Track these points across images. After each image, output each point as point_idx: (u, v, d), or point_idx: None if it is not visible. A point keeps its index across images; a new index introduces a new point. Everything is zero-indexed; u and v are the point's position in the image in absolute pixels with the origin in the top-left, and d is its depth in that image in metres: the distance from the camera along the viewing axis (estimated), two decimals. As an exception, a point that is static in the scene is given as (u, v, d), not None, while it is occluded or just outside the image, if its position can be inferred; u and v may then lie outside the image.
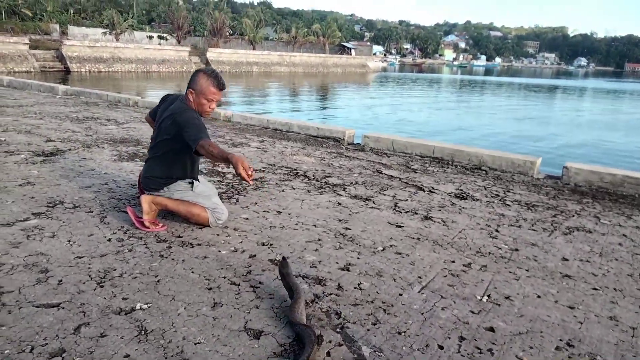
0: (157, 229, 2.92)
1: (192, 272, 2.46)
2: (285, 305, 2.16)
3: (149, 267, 2.49)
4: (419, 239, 3.13)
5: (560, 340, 2.07)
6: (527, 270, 2.75)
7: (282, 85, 31.06)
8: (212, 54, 40.82)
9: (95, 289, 2.24)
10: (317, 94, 25.61)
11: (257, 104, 18.63)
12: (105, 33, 40.64)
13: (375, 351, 1.89)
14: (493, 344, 2.00)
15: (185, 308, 2.12)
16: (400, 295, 2.35)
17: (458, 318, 2.18)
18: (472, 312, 2.24)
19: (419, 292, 2.40)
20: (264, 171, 4.68)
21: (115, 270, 2.44)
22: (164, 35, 47.13)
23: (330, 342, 1.94)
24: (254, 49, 51.00)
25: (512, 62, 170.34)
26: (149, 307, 2.12)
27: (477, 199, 4.20)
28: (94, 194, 3.62)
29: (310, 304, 2.22)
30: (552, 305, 2.36)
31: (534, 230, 3.48)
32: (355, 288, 2.40)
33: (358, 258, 2.75)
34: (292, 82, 33.88)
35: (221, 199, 3.59)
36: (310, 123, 7.10)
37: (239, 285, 2.36)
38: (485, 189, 4.57)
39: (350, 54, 65.83)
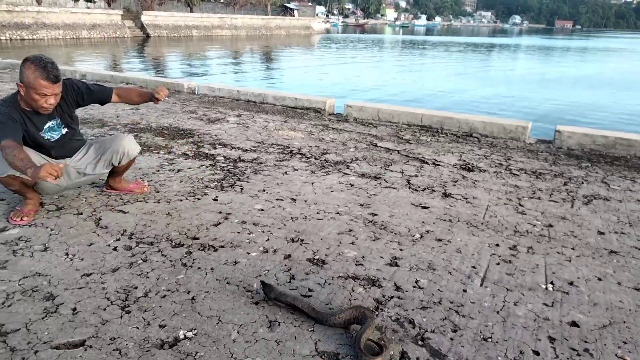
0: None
1: (228, 284, 2.13)
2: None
3: (175, 281, 2.13)
4: (450, 220, 2.93)
5: (647, 330, 1.95)
6: (573, 249, 2.62)
7: (225, 49, 29.75)
8: (147, 17, 38.33)
9: (121, 317, 1.87)
10: (265, 59, 24.73)
11: (208, 72, 17.66)
12: (24, -4, 36.90)
13: (472, 366, 1.68)
14: (585, 342, 1.85)
15: (238, 332, 1.81)
16: (465, 291, 2.15)
17: (536, 314, 2.00)
18: (546, 305, 2.07)
19: (481, 285, 2.20)
20: (255, 151, 4.30)
21: (136, 288, 2.06)
22: (92, -3, 43.50)
23: (418, 359, 1.70)
24: (191, 11, 48.35)
25: (451, 21, 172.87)
26: (194, 334, 1.79)
27: (484, 170, 4.06)
28: (74, 190, 3.14)
29: (375, 312, 1.96)
30: (617, 289, 2.24)
31: (555, 201, 3.38)
32: (414, 287, 2.17)
33: (401, 250, 2.51)
34: (236, 46, 32.55)
35: (221, 188, 3.23)
36: (287, 93, 6.68)
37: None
38: (486, 158, 4.44)
39: (293, 15, 64.05)
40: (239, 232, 2.62)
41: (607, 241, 2.76)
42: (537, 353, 1.77)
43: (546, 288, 2.21)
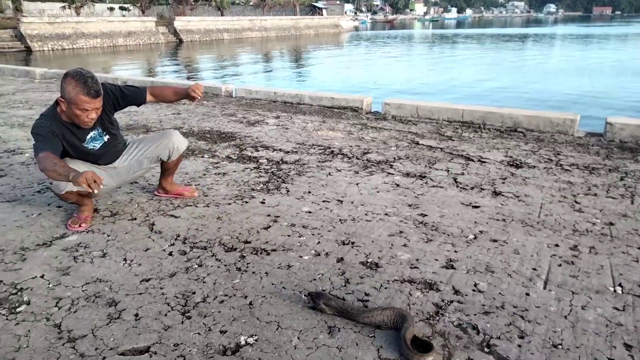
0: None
1: (284, 288, 2.12)
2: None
3: (231, 286, 2.14)
4: (504, 220, 2.84)
5: None
6: (639, 249, 2.49)
7: (256, 51, 30.03)
8: (180, 22, 39.11)
9: (182, 322, 1.89)
10: (296, 59, 24.81)
11: (240, 73, 17.87)
12: (63, 7, 38.30)
13: (545, 375, 1.61)
14: (664, 349, 1.74)
15: (298, 338, 1.79)
16: (528, 295, 2.07)
17: (607, 319, 1.90)
18: (617, 309, 1.97)
19: (544, 288, 2.12)
20: (296, 152, 4.29)
21: (194, 293, 2.08)
22: (126, 5, 44.79)
23: (486, 367, 1.64)
24: (222, 14, 49.06)
25: (482, 12, 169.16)
26: (255, 340, 1.78)
27: (533, 166, 3.92)
28: (127, 195, 3.20)
29: (436, 318, 1.91)
30: (692, 291, 2.11)
31: (613, 197, 3.23)
32: (474, 291, 2.10)
33: (455, 252, 2.45)
34: (266, 48, 32.82)
35: (267, 190, 3.23)
36: (323, 93, 6.66)
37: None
38: (534, 154, 4.29)
39: (322, 14, 64.06)
40: (289, 235, 2.62)
41: (674, 239, 2.61)
42: (613, 361, 1.68)
43: (614, 291, 2.11)
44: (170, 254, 2.43)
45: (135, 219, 2.84)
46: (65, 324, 1.88)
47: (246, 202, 3.09)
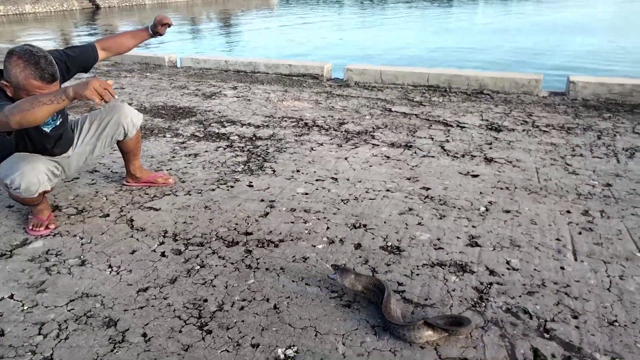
0: None
1: (307, 285, 1.89)
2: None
3: (247, 288, 1.87)
4: (508, 188, 2.75)
5: None
6: (645, 210, 2.49)
7: (182, 16, 28.35)
8: (95, -13, 35.91)
9: (203, 339, 1.61)
10: (226, 24, 23.69)
11: (170, 42, 16.72)
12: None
13: (615, 358, 1.51)
14: None
15: (344, 343, 1.58)
16: (563, 269, 1.98)
17: (648, 287, 1.85)
18: (653, 276, 1.92)
19: (576, 260, 2.04)
20: (268, 126, 3.98)
21: (206, 301, 1.80)
22: (31, -32, 40.34)
23: (554, 356, 1.52)
24: (141, -23, 45.60)
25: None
26: (296, 352, 1.55)
27: (512, 129, 3.89)
28: (89, 188, 2.79)
29: (481, 304, 1.77)
30: None
31: (599, 157, 3.25)
32: (508, 269, 1.98)
33: (474, 227, 2.32)
34: (193, 13, 31.07)
35: (250, 172, 2.93)
36: (280, 60, 6.28)
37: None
38: (508, 116, 4.26)
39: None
40: (292, 222, 2.36)
41: (672, 197, 2.64)
42: (673, 334, 1.62)
43: (642, 256, 2.06)
44: (163, 254, 2.11)
45: (108, 215, 2.46)
46: (59, 356, 1.55)
47: (232, 187, 2.78)
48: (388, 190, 2.72)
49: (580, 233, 2.26)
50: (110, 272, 1.98)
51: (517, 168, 3.06)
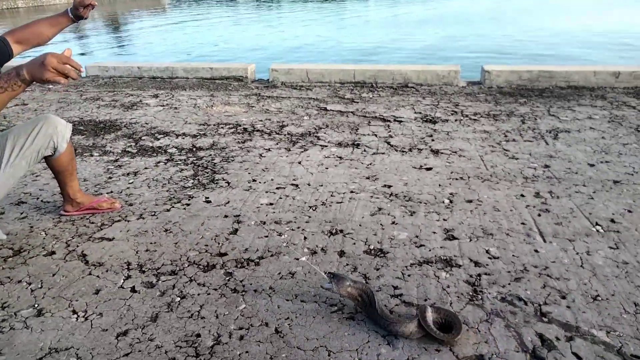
0: None
1: (304, 302, 1.81)
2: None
3: (240, 314, 1.75)
4: (462, 178, 2.86)
5: None
6: (584, 186, 2.72)
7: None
8: (-43, -10, 31.88)
9: (211, 379, 1.47)
10: (115, 27, 22.28)
11: (68, 49, 15.31)
12: None
13: (619, 335, 1.61)
14: (672, 278, 1.90)
15: (360, 359, 1.53)
16: (537, 251, 2.09)
17: (613, 260, 2.01)
18: (612, 248, 2.10)
19: (545, 242, 2.16)
20: (206, 135, 3.78)
21: (199, 336, 1.65)
22: None
23: (558, 338, 1.59)
24: (12, -22, 41.29)
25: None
26: (314, 376, 1.47)
27: (445, 120, 4.06)
28: (21, 223, 2.45)
29: (477, 297, 1.81)
30: (650, 218, 2.36)
31: (529, 141, 3.50)
32: (490, 258, 2.05)
33: (445, 220, 2.37)
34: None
35: (202, 186, 2.78)
36: (199, 64, 6.00)
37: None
38: (437, 107, 4.45)
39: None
40: (266, 236, 2.25)
41: (602, 172, 2.90)
42: (648, 301, 1.77)
43: (598, 231, 2.24)
44: (134, 289, 1.90)
45: (53, 252, 2.17)
46: None
47: (188, 205, 2.59)
48: (352, 192, 2.70)
49: (539, 215, 2.40)
50: (77, 318, 1.74)
51: (463, 157, 3.19)
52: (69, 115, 4.39)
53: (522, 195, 2.61)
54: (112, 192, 2.77)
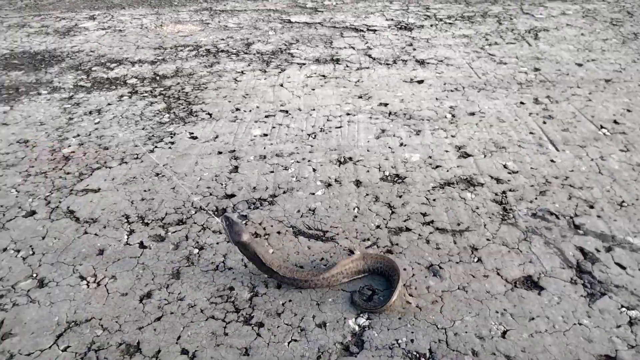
0: None
1: (334, 241, 1.70)
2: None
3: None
4: (457, 89, 2.74)
5: None
6: (579, 87, 2.69)
7: None
8: None
9: (259, 335, 1.37)
10: None
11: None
12: None
13: (645, 237, 1.63)
14: (685, 176, 1.94)
15: (411, 294, 1.47)
16: (553, 161, 2.07)
17: (627, 163, 2.02)
18: (623, 151, 2.10)
19: (558, 150, 2.13)
20: (165, 60, 3.38)
21: (233, 289, 1.52)
22: None
23: (597, 250, 1.60)
24: None
25: None
26: (368, 319, 1.40)
27: (420, 25, 3.85)
28: (-17, 182, 2.12)
29: (509, 214, 1.77)
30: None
31: (512, 43, 3.40)
32: (509, 173, 2.00)
33: (452, 136, 2.29)
34: None
35: (181, 120, 2.52)
36: (135, -24, 5.26)
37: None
38: (408, 12, 4.21)
39: None
40: (272, 172, 2.08)
41: (592, 71, 2.88)
42: (669, 201, 1.80)
43: (605, 135, 2.23)
44: (143, 245, 1.71)
45: (34, 212, 1.91)
46: (90, 415, 1.19)
47: (172, 143, 2.34)
48: (349, 114, 2.52)
49: (544, 122, 2.36)
50: (88, 285, 1.55)
51: (451, 67, 3.05)
52: (-4, 47, 3.79)
53: (522, 103, 2.54)
54: (78, 135, 2.44)
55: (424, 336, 1.32)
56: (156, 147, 2.30)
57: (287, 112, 2.57)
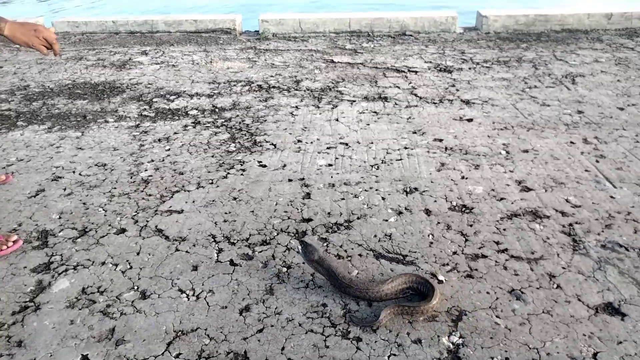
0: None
1: (413, 264, 1.79)
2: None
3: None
4: (506, 128, 2.88)
5: None
6: (625, 130, 2.81)
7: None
8: None
9: (359, 348, 1.45)
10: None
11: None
12: None
13: None
14: None
15: None
16: (613, 197, 2.16)
17: (685, 201, 2.11)
18: (679, 190, 2.19)
19: (616, 187, 2.24)
20: (221, 94, 3.57)
21: (326, 306, 1.61)
22: None
23: (670, 279, 1.67)
24: None
25: None
26: (461, 336, 1.48)
27: (459, 68, 4.04)
28: (68, 200, 2.24)
29: (580, 247, 1.86)
30: (697, 158, 2.48)
31: (551, 87, 3.55)
32: (572, 207, 2.10)
33: (511, 172, 2.40)
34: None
35: (247, 149, 2.65)
36: (181, 16, 5.58)
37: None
38: (445, 55, 4.41)
39: None
40: (343, 199, 2.19)
41: (635, 115, 3.01)
42: None
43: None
44: (233, 263, 1.81)
45: (124, 230, 2.02)
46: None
47: (244, 170, 2.47)
48: (407, 148, 2.66)
49: (597, 161, 2.47)
50: (188, 298, 1.65)
51: (497, 107, 3.20)
52: (58, 78, 4.01)
53: (572, 142, 2.67)
54: (152, 161, 2.59)
55: (518, 355, 1.39)
56: (229, 173, 2.43)
57: (347, 144, 2.71)
